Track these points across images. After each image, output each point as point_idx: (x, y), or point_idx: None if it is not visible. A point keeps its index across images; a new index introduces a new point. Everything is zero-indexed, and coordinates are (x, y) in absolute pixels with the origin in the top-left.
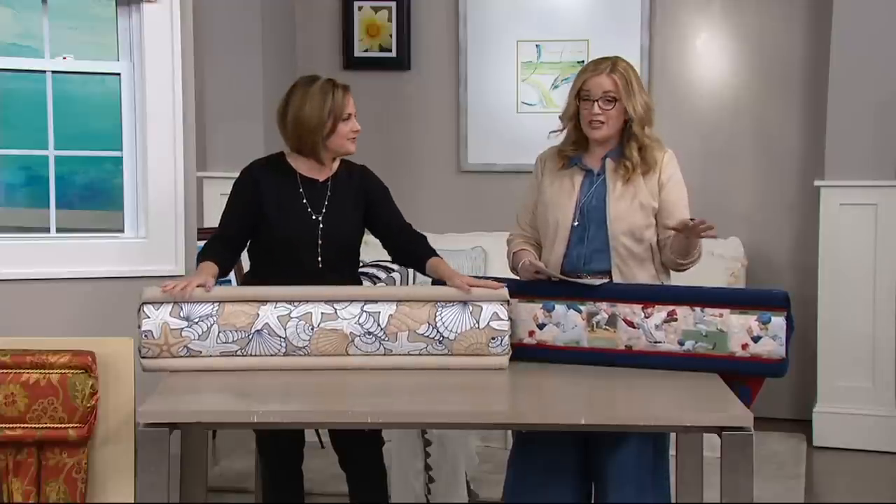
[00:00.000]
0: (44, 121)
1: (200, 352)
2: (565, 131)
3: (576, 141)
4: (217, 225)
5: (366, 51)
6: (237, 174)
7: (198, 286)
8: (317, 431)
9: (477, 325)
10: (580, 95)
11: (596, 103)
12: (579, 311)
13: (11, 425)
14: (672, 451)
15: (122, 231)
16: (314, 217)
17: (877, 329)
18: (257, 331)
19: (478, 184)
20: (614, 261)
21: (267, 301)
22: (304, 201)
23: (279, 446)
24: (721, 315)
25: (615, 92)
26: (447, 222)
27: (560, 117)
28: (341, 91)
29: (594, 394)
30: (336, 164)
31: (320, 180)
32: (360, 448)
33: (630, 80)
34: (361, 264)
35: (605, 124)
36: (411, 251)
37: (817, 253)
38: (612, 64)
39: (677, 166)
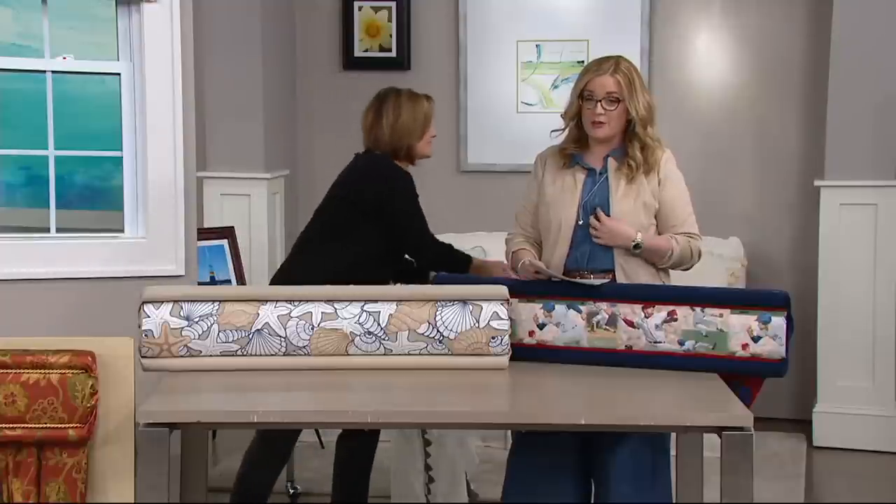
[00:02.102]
0: (44, 121)
1: (200, 351)
2: (567, 130)
3: (577, 139)
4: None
5: (366, 51)
6: (237, 174)
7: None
8: (317, 431)
9: (477, 325)
10: (583, 95)
11: (599, 104)
12: (579, 311)
13: (11, 425)
14: (672, 451)
15: (121, 231)
16: None
17: (877, 329)
18: (257, 330)
19: (477, 184)
20: (617, 259)
21: (267, 300)
22: None
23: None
24: (721, 315)
25: (618, 93)
26: (447, 222)
27: (562, 116)
28: (425, 99)
29: (594, 394)
30: None
31: None
32: (360, 435)
33: (633, 79)
34: None
35: (607, 124)
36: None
37: (817, 253)
38: (614, 64)
39: (675, 165)
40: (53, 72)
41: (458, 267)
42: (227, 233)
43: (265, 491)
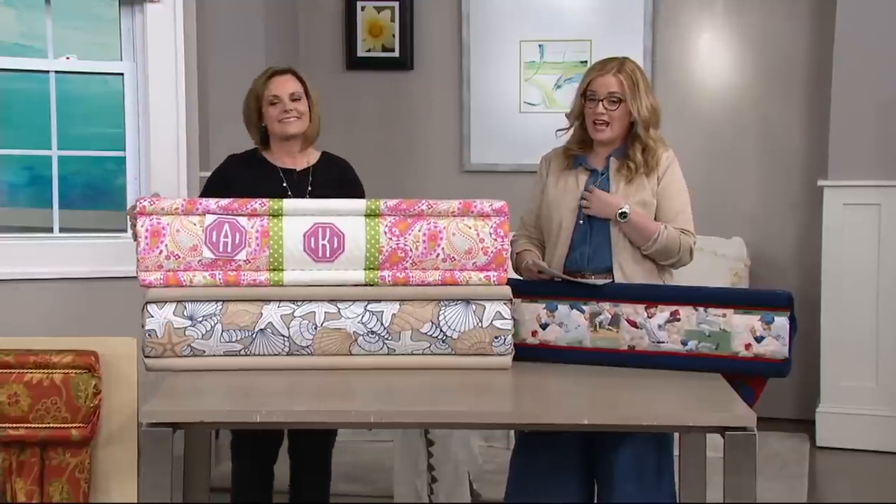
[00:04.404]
0: (47, 121)
1: (204, 351)
2: (571, 130)
3: (582, 140)
4: None
5: (369, 51)
6: None
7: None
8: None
9: (480, 325)
10: (586, 95)
11: (601, 103)
12: (582, 311)
13: (15, 425)
14: (675, 451)
15: (124, 231)
16: None
17: (880, 329)
18: (261, 330)
19: (480, 184)
20: (616, 259)
21: (270, 300)
22: (284, 185)
23: (256, 446)
24: (724, 315)
25: (620, 93)
26: None
27: (566, 115)
28: (263, 77)
29: (597, 394)
30: (317, 155)
31: (298, 169)
32: (315, 454)
33: (637, 81)
34: None
35: (609, 125)
36: None
37: (820, 253)
38: (619, 64)
39: (676, 164)
40: (57, 72)
41: None
42: None
43: (243, 481)
